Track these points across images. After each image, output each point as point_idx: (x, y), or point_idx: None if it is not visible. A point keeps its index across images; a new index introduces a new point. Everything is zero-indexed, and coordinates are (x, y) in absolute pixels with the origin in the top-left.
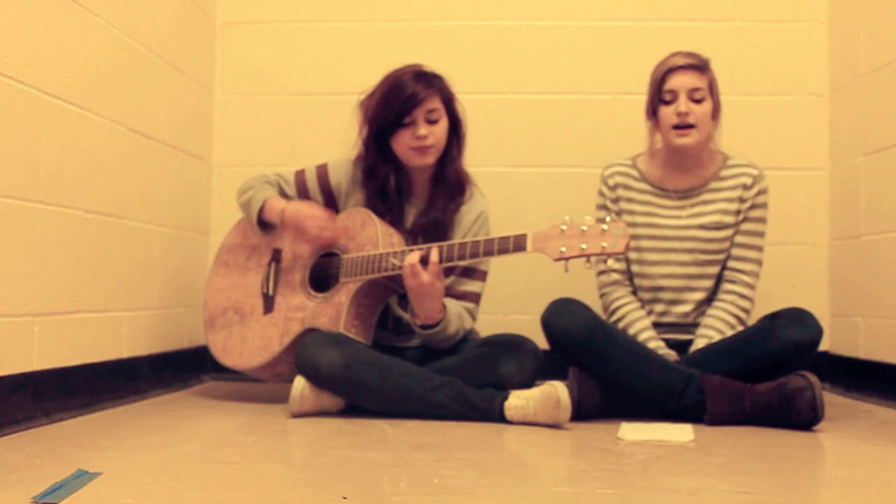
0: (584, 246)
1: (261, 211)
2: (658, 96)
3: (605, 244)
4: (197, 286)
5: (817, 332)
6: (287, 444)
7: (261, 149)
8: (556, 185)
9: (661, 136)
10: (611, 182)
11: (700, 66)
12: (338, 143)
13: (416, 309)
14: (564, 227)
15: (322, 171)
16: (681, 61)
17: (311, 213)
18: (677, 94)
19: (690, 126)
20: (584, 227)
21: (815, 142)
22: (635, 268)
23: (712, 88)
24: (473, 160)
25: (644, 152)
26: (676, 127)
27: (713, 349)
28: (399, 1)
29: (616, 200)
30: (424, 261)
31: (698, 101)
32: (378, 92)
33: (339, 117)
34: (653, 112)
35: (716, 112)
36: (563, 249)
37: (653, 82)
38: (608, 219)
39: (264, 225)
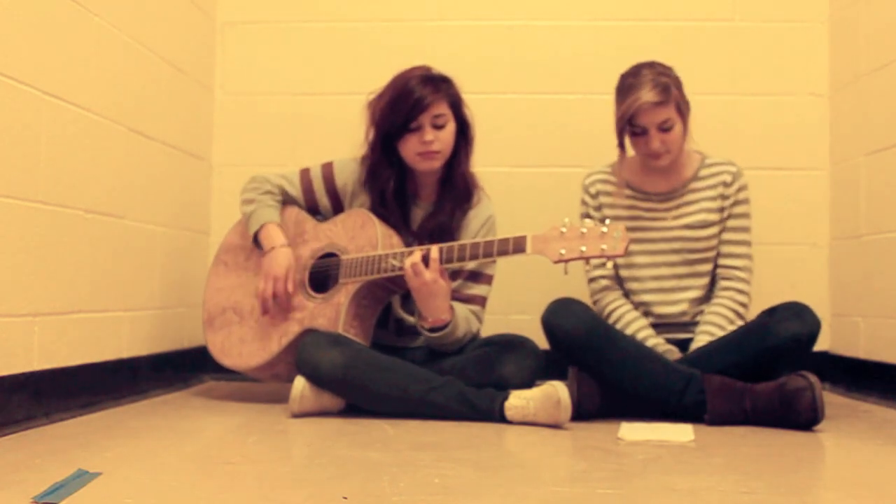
0: (583, 248)
1: (257, 232)
2: (628, 128)
3: (604, 246)
4: (197, 286)
5: (816, 326)
6: (287, 444)
7: (261, 149)
8: (556, 185)
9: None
10: (592, 190)
11: (664, 100)
12: (338, 143)
13: (423, 310)
14: (564, 230)
15: (328, 172)
16: (647, 98)
17: (277, 275)
18: (647, 129)
19: (665, 153)
20: (584, 230)
21: (815, 142)
22: (625, 272)
23: (680, 108)
24: (474, 160)
25: (621, 157)
26: (649, 155)
27: (712, 346)
28: (399, 1)
29: (598, 208)
30: (426, 260)
31: (668, 130)
32: (385, 95)
33: (340, 117)
34: (620, 143)
35: (685, 125)
36: (563, 251)
37: (620, 118)
38: (608, 221)
39: (260, 244)
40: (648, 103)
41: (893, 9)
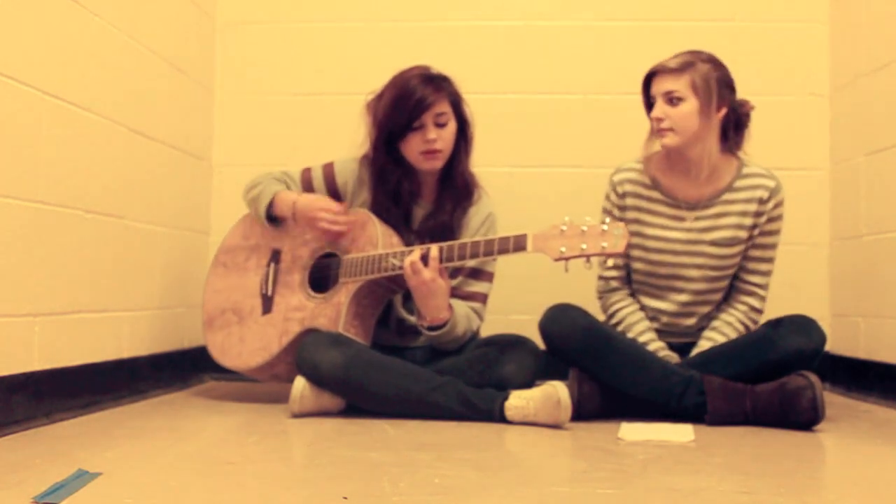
0: (583, 246)
1: (270, 205)
2: (648, 100)
3: (604, 244)
4: (197, 286)
5: (820, 341)
6: (287, 444)
7: (261, 149)
8: (556, 185)
9: None
10: (619, 190)
11: (677, 68)
12: (339, 144)
13: (422, 309)
14: (564, 228)
15: (329, 171)
16: (660, 66)
17: (323, 205)
18: (656, 98)
19: (668, 129)
20: (584, 228)
21: (815, 142)
22: (639, 277)
23: (696, 88)
24: (474, 160)
25: (655, 153)
26: (655, 131)
27: (714, 354)
28: (399, 1)
29: (623, 209)
30: (425, 259)
31: (675, 104)
32: (386, 95)
33: (340, 117)
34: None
35: (706, 110)
36: (563, 249)
37: (642, 88)
38: (608, 219)
39: (273, 219)
40: (660, 66)
41: (893, 9)
